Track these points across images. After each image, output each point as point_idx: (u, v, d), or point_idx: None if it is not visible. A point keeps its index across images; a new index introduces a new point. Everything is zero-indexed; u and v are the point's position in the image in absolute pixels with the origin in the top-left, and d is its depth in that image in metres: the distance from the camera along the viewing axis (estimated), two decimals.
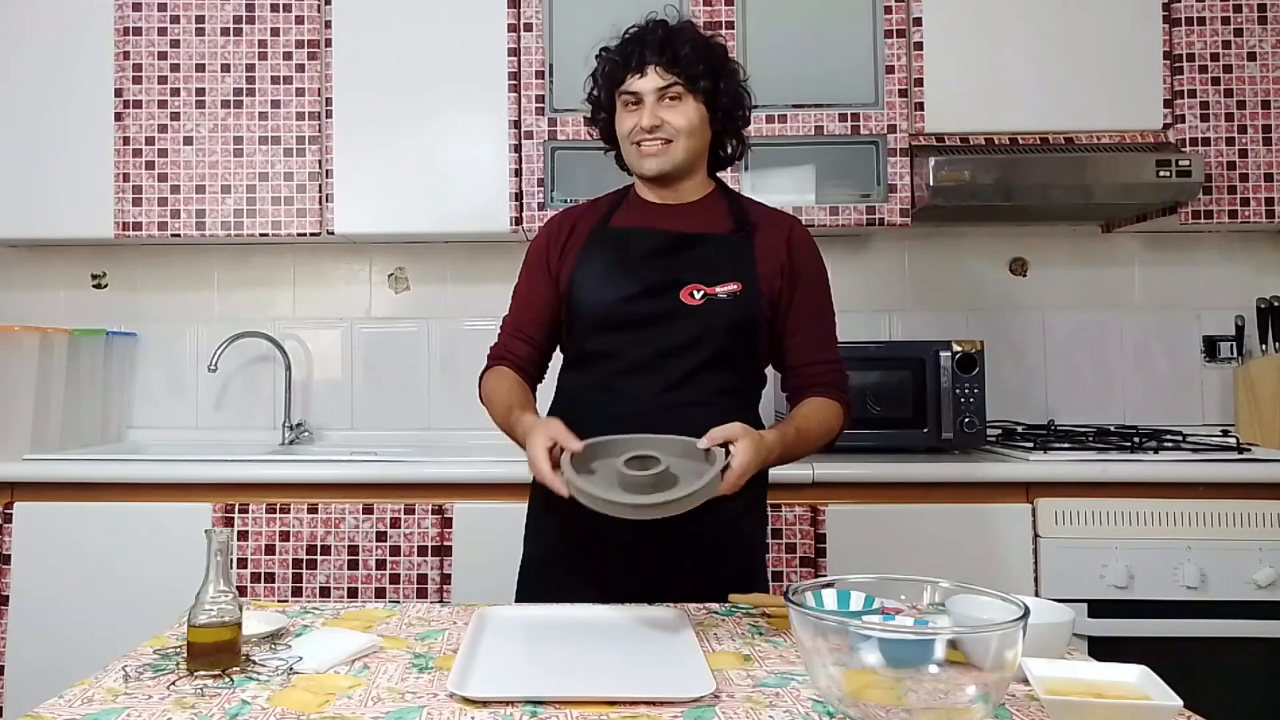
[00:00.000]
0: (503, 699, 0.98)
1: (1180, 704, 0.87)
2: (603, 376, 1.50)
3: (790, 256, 1.52)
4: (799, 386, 1.54)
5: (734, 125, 1.56)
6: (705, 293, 1.47)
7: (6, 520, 2.21)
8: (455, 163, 2.48)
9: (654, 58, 1.46)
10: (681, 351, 1.47)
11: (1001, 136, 2.43)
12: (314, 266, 2.83)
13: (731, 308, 1.47)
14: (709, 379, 1.48)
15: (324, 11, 2.50)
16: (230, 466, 2.22)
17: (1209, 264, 2.74)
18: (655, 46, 1.47)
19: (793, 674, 1.07)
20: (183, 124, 2.51)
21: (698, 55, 1.47)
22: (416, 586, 2.19)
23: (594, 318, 1.51)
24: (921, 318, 2.75)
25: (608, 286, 1.50)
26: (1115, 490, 2.11)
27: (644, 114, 1.48)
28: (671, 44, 1.47)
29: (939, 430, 2.33)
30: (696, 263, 1.49)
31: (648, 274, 1.49)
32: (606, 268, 1.51)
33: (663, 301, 1.47)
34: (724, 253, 1.51)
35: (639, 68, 1.47)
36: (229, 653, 1.07)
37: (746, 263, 1.50)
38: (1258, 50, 2.42)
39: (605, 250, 1.53)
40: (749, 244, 1.51)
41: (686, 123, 1.48)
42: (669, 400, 1.46)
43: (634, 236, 1.53)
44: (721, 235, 1.52)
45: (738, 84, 1.55)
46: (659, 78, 1.47)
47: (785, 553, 2.15)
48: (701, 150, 1.54)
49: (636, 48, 1.48)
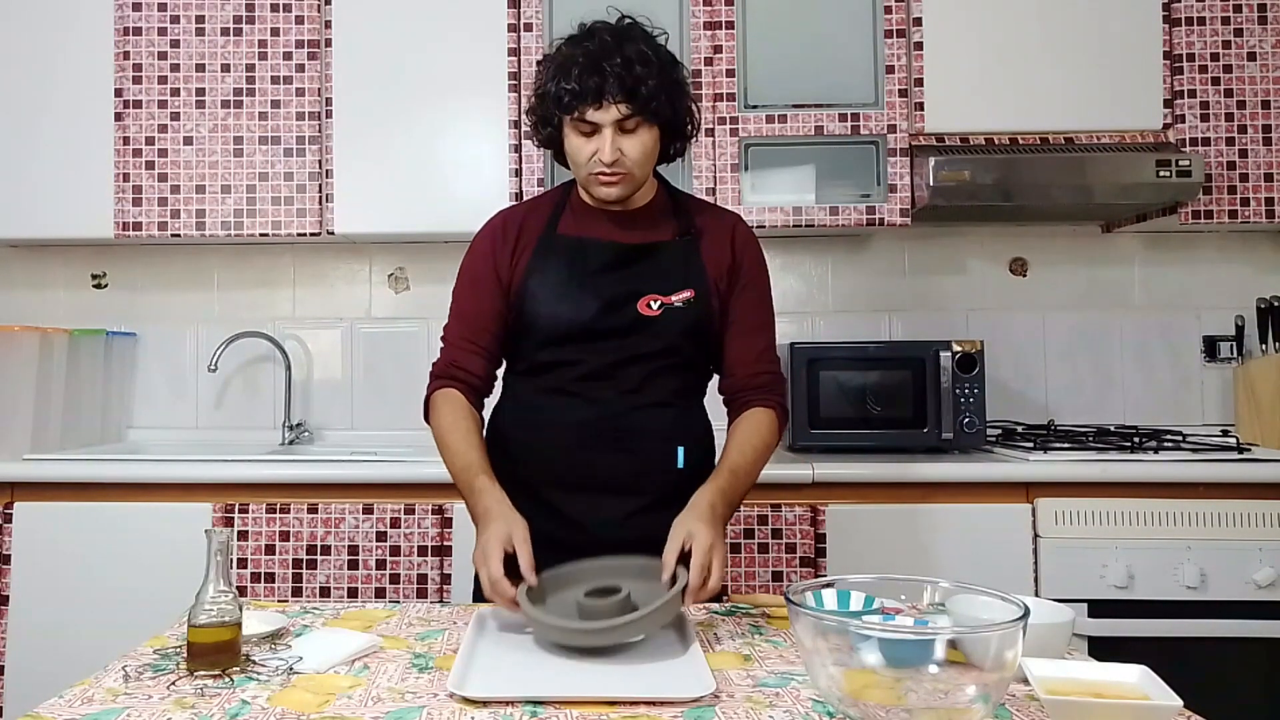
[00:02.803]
0: (503, 699, 0.98)
1: (1180, 704, 0.87)
2: (560, 382, 1.50)
3: (734, 257, 1.54)
4: (734, 389, 1.55)
5: (683, 138, 1.52)
6: (662, 302, 1.48)
7: (6, 520, 2.21)
8: (455, 163, 2.48)
9: (614, 91, 1.38)
10: (642, 359, 1.49)
11: (1001, 136, 2.43)
12: (314, 266, 2.83)
13: (687, 314, 1.49)
14: (668, 382, 1.51)
15: (324, 11, 2.50)
16: (230, 466, 2.22)
17: (1209, 264, 2.74)
18: (615, 79, 1.37)
19: (793, 674, 1.07)
20: (183, 124, 2.51)
21: (658, 84, 1.40)
22: (416, 586, 2.19)
23: (550, 332, 1.49)
24: (921, 318, 2.75)
25: (564, 302, 1.48)
26: (1115, 490, 2.11)
27: (603, 147, 1.41)
28: (631, 74, 1.38)
29: (939, 430, 2.34)
30: (651, 273, 1.49)
31: (605, 288, 1.48)
32: (561, 281, 1.49)
33: (621, 315, 1.47)
34: (676, 260, 1.51)
35: (596, 100, 1.38)
36: (229, 653, 1.08)
37: (697, 267, 1.51)
38: (1258, 50, 2.42)
39: (558, 261, 1.50)
40: (696, 247, 1.52)
41: (643, 152, 1.44)
42: (631, 402, 1.49)
43: (589, 248, 1.51)
44: (671, 241, 1.52)
45: (689, 103, 1.49)
46: (617, 112, 1.39)
47: (785, 553, 2.15)
48: (653, 166, 1.51)
49: (594, 77, 1.38)
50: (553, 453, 1.50)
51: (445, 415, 1.48)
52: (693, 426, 1.56)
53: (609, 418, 1.48)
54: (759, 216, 2.41)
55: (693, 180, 2.42)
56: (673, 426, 1.52)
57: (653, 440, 1.50)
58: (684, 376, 1.54)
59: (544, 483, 1.50)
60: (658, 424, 1.51)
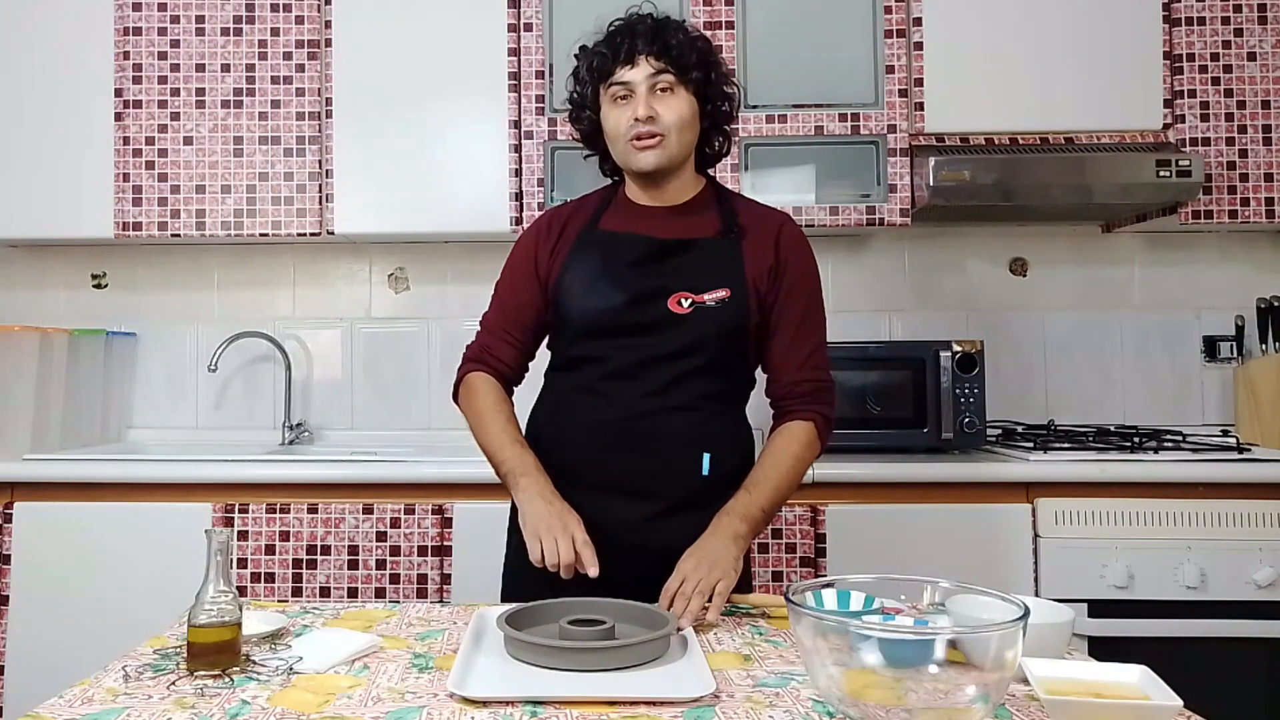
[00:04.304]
0: (503, 699, 0.98)
1: (1180, 704, 0.87)
2: (589, 380, 1.49)
3: (778, 257, 1.50)
4: (778, 396, 1.53)
5: (722, 120, 1.54)
6: (693, 300, 1.45)
7: (6, 520, 2.21)
8: (455, 163, 2.48)
9: (645, 47, 1.43)
10: (669, 358, 1.46)
11: (1001, 136, 2.43)
12: (314, 266, 2.83)
13: (720, 314, 1.45)
14: (696, 384, 1.47)
15: (324, 11, 2.50)
16: (230, 466, 2.22)
17: (1209, 264, 2.74)
18: (645, 36, 1.43)
19: (793, 674, 1.07)
20: (183, 124, 2.51)
21: (688, 45, 1.45)
22: (416, 586, 2.19)
23: (580, 325, 1.49)
24: (921, 318, 2.75)
25: (593, 295, 1.48)
26: (1115, 490, 2.11)
27: (638, 104, 1.43)
28: (662, 34, 1.44)
29: (939, 430, 2.34)
30: (684, 269, 1.47)
31: (634, 282, 1.46)
32: (592, 274, 1.49)
33: (649, 310, 1.45)
34: (712, 257, 1.48)
35: (629, 58, 1.43)
36: (229, 653, 1.07)
37: (735, 266, 1.47)
38: (1258, 50, 2.42)
39: (591, 255, 1.51)
40: (738, 247, 1.49)
41: (678, 117, 1.44)
42: (655, 404, 1.45)
43: (622, 242, 1.50)
44: (710, 239, 1.50)
45: (726, 76, 1.52)
46: (650, 67, 1.43)
47: (785, 553, 2.15)
48: (692, 145, 1.51)
49: (626, 38, 1.44)
50: (577, 451, 1.48)
51: (477, 391, 1.52)
52: (723, 433, 1.50)
53: (631, 419, 1.45)
54: None
55: None
56: (699, 432, 1.47)
57: (676, 445, 1.46)
58: (716, 380, 1.49)
59: (567, 481, 1.47)
60: (682, 428, 1.46)
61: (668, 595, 1.30)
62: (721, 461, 1.48)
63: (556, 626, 1.15)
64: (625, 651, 1.07)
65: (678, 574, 1.31)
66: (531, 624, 1.16)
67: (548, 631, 1.15)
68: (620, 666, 1.06)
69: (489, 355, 1.55)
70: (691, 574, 1.30)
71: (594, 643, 1.08)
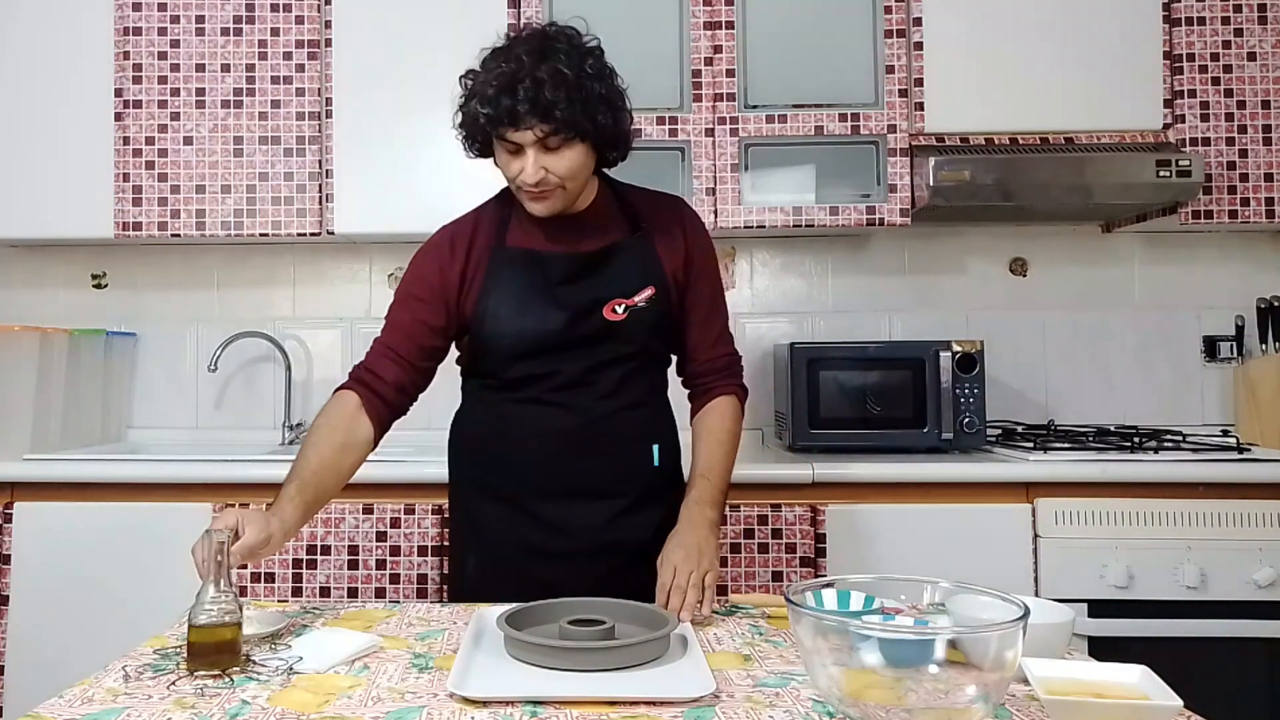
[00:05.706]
0: (503, 699, 0.98)
1: (1180, 704, 0.87)
2: (538, 393, 1.50)
3: (686, 244, 1.54)
4: (699, 374, 1.59)
5: (620, 141, 1.46)
6: (626, 304, 1.48)
7: (6, 520, 2.21)
8: (455, 163, 2.46)
9: (528, 115, 1.34)
10: (615, 362, 1.50)
11: (1001, 136, 2.43)
12: (314, 266, 2.83)
13: (652, 312, 1.50)
14: (641, 381, 1.54)
15: (324, 11, 2.50)
16: (230, 466, 2.21)
17: (1209, 264, 2.74)
18: (528, 102, 1.33)
19: (793, 674, 1.07)
20: (183, 124, 2.50)
21: (573, 102, 1.34)
22: (416, 586, 2.19)
23: (516, 347, 1.48)
24: (921, 318, 2.75)
25: (528, 317, 1.47)
26: (1115, 490, 2.11)
27: (526, 167, 1.38)
28: (542, 98, 1.33)
29: (939, 430, 2.34)
30: (612, 277, 1.49)
31: (568, 300, 1.47)
32: (520, 296, 1.47)
33: (588, 324, 1.47)
34: (633, 259, 1.51)
35: (513, 122, 1.36)
36: (229, 653, 1.08)
37: (654, 263, 1.52)
38: (1258, 50, 2.42)
39: (514, 275, 1.48)
40: (651, 242, 1.53)
41: (569, 169, 1.39)
42: (610, 406, 1.51)
43: (547, 261, 1.48)
44: (626, 240, 1.52)
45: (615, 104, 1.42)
46: (537, 133, 1.36)
47: (785, 553, 2.14)
48: (588, 177, 1.47)
49: (508, 101, 1.35)
50: (534, 462, 1.50)
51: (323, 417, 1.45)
52: (663, 423, 1.59)
53: (590, 423, 1.49)
54: (759, 216, 2.41)
55: (693, 180, 2.42)
56: (647, 425, 1.55)
57: (631, 441, 1.53)
58: (655, 373, 1.58)
59: (524, 492, 1.50)
60: (634, 425, 1.53)
61: (664, 591, 1.32)
62: (668, 450, 1.56)
63: (556, 627, 1.15)
64: (625, 651, 1.07)
65: (667, 567, 1.34)
66: (531, 624, 1.17)
67: (548, 631, 1.15)
68: (620, 666, 1.06)
69: (367, 373, 1.49)
70: (682, 565, 1.34)
71: (594, 643, 1.09)
